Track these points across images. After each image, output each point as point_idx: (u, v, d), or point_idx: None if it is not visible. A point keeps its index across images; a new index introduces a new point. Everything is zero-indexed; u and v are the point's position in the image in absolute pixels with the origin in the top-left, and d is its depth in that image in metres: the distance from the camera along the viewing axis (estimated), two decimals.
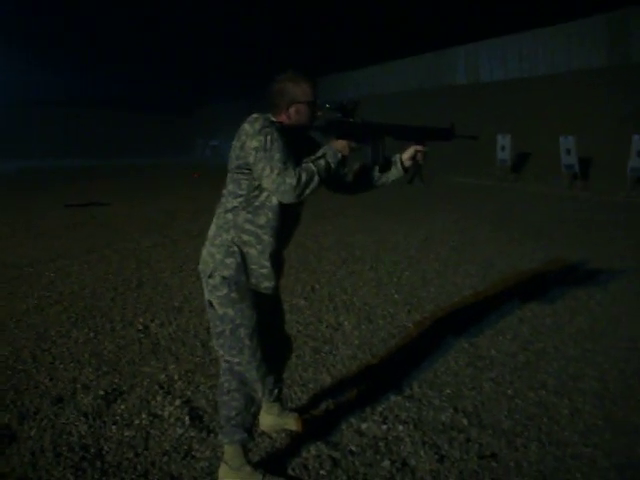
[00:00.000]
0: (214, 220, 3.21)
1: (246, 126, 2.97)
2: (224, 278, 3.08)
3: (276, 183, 2.85)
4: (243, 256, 3.09)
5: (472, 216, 12.47)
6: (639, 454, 3.64)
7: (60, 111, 43.76)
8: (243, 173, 3.01)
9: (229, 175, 3.10)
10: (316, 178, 2.90)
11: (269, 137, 2.87)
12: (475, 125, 22.95)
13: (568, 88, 21.53)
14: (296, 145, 3.06)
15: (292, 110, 3.08)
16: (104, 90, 45.71)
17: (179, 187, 19.84)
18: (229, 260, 3.08)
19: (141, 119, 45.77)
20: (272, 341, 3.37)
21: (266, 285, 3.17)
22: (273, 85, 3.14)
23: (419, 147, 3.29)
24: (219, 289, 3.11)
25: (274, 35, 46.91)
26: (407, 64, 32.77)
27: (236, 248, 3.08)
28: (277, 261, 3.22)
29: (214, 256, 3.12)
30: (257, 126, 2.93)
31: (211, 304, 3.19)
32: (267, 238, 3.10)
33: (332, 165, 2.98)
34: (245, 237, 3.08)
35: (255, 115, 3.02)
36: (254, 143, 2.89)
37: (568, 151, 16.18)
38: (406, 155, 3.32)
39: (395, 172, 3.36)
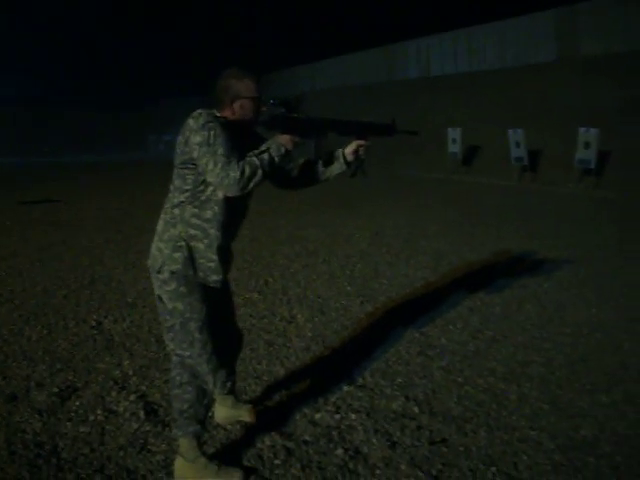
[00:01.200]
0: (162, 215, 3.22)
1: (190, 121, 2.99)
2: (172, 273, 3.10)
3: (220, 177, 2.88)
4: (190, 250, 3.11)
5: (423, 209, 12.61)
6: (583, 435, 3.76)
7: (10, 110, 42.91)
8: (188, 168, 3.03)
9: (175, 170, 3.11)
10: (259, 172, 2.92)
11: (212, 132, 2.89)
12: (426, 119, 23.20)
13: (517, 82, 21.82)
14: (241, 140, 3.08)
15: (236, 105, 3.11)
16: (53, 88, 44.98)
17: (132, 183, 19.66)
18: (177, 254, 3.09)
19: (91, 116, 45.08)
20: (223, 334, 3.39)
21: (214, 279, 3.19)
22: (218, 81, 3.17)
23: (361, 142, 3.35)
24: (168, 284, 3.12)
25: (225, 31, 46.66)
26: (360, 58, 32.82)
27: (183, 243, 3.10)
28: (225, 255, 3.24)
29: (162, 251, 3.13)
30: (201, 121, 2.94)
31: (160, 299, 3.20)
32: (214, 232, 3.12)
33: (276, 159, 3.01)
34: (192, 231, 3.10)
35: (199, 110, 3.04)
36: (197, 138, 2.91)
37: (517, 144, 16.43)
38: (348, 149, 3.37)
39: (338, 166, 3.41)
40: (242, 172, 2.87)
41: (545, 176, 16.42)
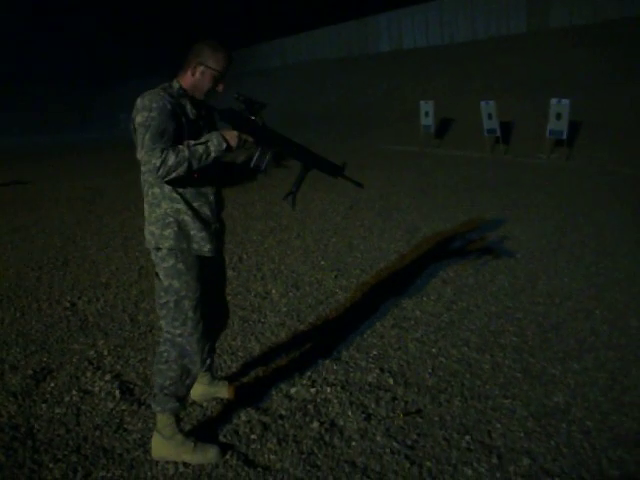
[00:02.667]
0: (145, 199, 3.19)
1: (138, 101, 2.96)
2: (170, 249, 3.09)
3: (143, 160, 2.86)
4: (180, 224, 3.09)
5: (397, 182, 12.61)
6: (555, 402, 3.82)
7: None
8: None
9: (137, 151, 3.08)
10: (186, 164, 2.87)
11: (152, 114, 2.86)
12: (399, 92, 23.18)
13: (488, 54, 21.85)
14: (185, 114, 3.05)
15: (198, 71, 3.06)
16: (21, 67, 44.32)
17: (104, 163, 19.46)
18: (167, 231, 3.08)
19: (61, 96, 44.50)
20: (212, 311, 3.41)
21: (209, 248, 3.18)
22: (194, 44, 3.13)
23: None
24: (166, 260, 3.11)
25: (196, 7, 46.09)
26: (331, 32, 32.66)
27: (171, 218, 3.08)
28: (213, 224, 3.24)
29: (153, 233, 3.11)
30: (146, 102, 2.91)
31: (157, 275, 3.21)
32: (196, 204, 3.12)
33: (212, 153, 2.94)
34: (176, 205, 3.08)
35: (149, 91, 2.99)
36: (139, 118, 2.90)
37: (489, 115, 16.44)
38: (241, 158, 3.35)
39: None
40: (163, 161, 2.82)
41: (517, 147, 16.48)
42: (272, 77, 34.60)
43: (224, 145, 2.96)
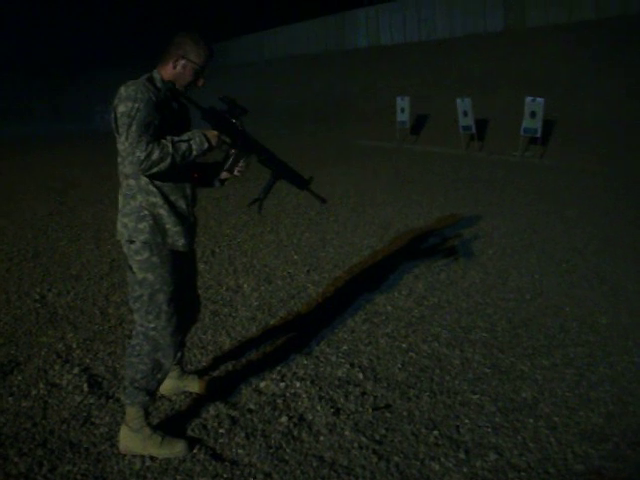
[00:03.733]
0: (120, 190, 3.16)
1: (121, 90, 2.92)
2: (144, 243, 3.06)
3: (126, 152, 2.82)
4: (155, 218, 3.07)
5: (371, 178, 12.62)
6: (523, 398, 3.85)
7: None
8: None
9: (117, 140, 3.04)
10: (169, 160, 2.85)
11: (136, 105, 2.83)
12: (375, 88, 23.20)
13: (465, 51, 21.91)
14: (168, 107, 3.05)
15: (179, 64, 3.05)
16: None
17: (77, 154, 19.27)
18: (142, 225, 3.05)
19: (34, 86, 43.84)
20: (185, 304, 3.39)
21: (182, 242, 3.17)
22: (175, 36, 3.11)
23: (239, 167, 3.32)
24: (140, 253, 3.08)
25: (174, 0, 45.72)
26: (309, 27, 32.53)
27: (146, 212, 3.05)
28: (188, 219, 3.22)
29: (127, 225, 3.08)
30: (130, 91, 2.88)
31: (131, 268, 3.17)
32: (173, 197, 3.11)
33: (194, 151, 2.94)
34: (152, 199, 3.06)
35: (133, 80, 2.96)
36: (122, 107, 2.85)
37: (465, 113, 16.49)
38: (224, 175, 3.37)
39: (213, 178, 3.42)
40: (149, 154, 2.79)
41: (492, 145, 16.56)
42: (249, 71, 34.45)
43: (206, 145, 2.97)
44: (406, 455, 3.26)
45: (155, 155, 2.81)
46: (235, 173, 3.31)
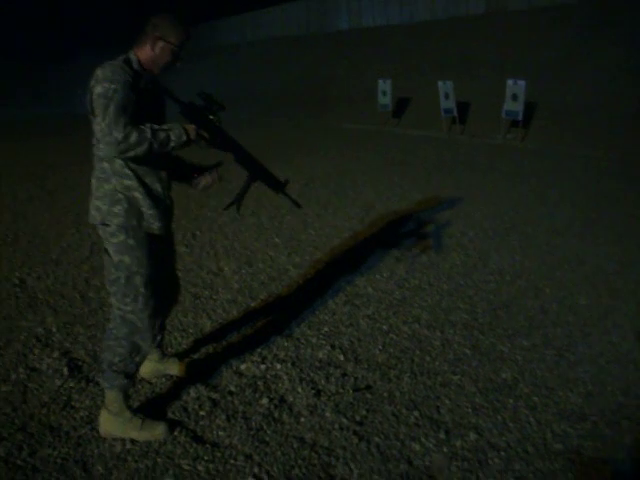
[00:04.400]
0: (92, 173, 3.12)
1: (98, 71, 2.87)
2: (119, 226, 3.04)
3: (103, 132, 2.76)
4: (130, 201, 3.04)
5: (353, 161, 12.59)
6: (503, 378, 3.87)
7: None
8: None
9: (93, 122, 3.00)
10: (146, 145, 2.81)
11: (114, 86, 2.79)
12: (357, 71, 23.13)
13: (447, 34, 21.88)
14: (147, 89, 3.04)
15: (158, 46, 3.02)
16: None
17: (56, 138, 19.09)
18: (116, 208, 3.02)
19: (13, 68, 43.29)
20: (163, 287, 3.37)
21: (158, 225, 3.14)
22: (152, 17, 3.07)
23: (213, 177, 3.46)
24: (116, 236, 3.06)
25: None
26: (291, 9, 32.33)
27: (121, 195, 3.02)
28: (164, 201, 3.20)
29: (100, 209, 3.05)
30: (107, 73, 2.84)
31: (106, 251, 3.15)
32: (148, 180, 3.08)
33: (172, 143, 2.91)
34: (127, 182, 3.02)
35: (110, 62, 2.93)
36: (99, 89, 2.80)
37: (447, 95, 16.48)
38: (202, 184, 3.47)
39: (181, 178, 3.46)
40: (126, 136, 2.75)
41: (474, 128, 16.57)
42: (231, 54, 34.22)
43: (184, 137, 2.94)
44: (387, 436, 3.27)
45: (133, 138, 2.76)
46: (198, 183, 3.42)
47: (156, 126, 2.88)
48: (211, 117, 3.12)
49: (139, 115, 2.88)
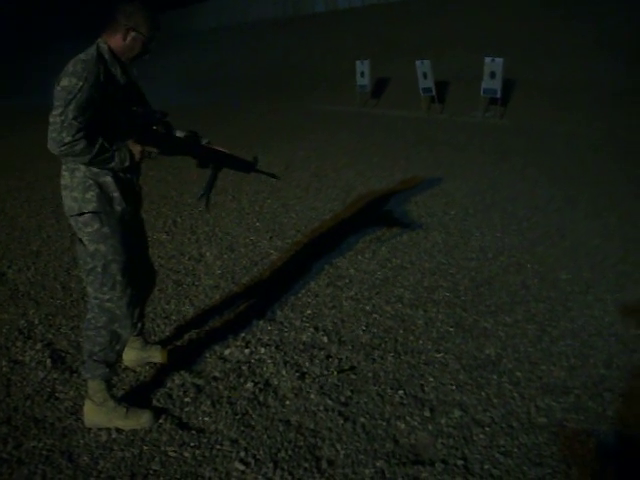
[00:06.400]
0: (63, 166, 3.09)
1: (70, 64, 2.85)
2: (93, 213, 3.02)
3: (52, 127, 2.77)
4: (101, 186, 3.02)
5: (333, 142, 12.56)
6: (487, 355, 3.90)
7: None
8: None
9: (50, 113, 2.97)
10: (86, 158, 2.85)
11: (81, 83, 2.77)
12: (335, 53, 23.04)
13: (423, 12, 21.83)
14: (120, 79, 3.02)
15: (130, 36, 3.00)
16: None
17: (33, 129, 18.90)
18: (89, 194, 3.00)
19: None
20: (139, 274, 3.35)
21: (129, 209, 3.15)
22: (123, 5, 3.02)
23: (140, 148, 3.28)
24: (90, 225, 3.04)
25: None
26: None
27: (91, 181, 3.00)
28: (133, 188, 3.20)
29: (77, 198, 3.02)
30: (77, 67, 2.82)
31: (80, 241, 3.13)
32: (112, 164, 3.02)
33: (113, 163, 2.96)
34: (95, 169, 3.00)
35: (82, 57, 2.89)
36: (64, 81, 2.79)
37: (425, 75, 16.43)
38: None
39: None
40: (73, 142, 2.76)
41: (453, 106, 16.55)
42: (207, 38, 33.99)
43: (127, 163, 3.00)
44: (372, 416, 3.29)
45: (78, 147, 2.79)
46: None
47: (106, 144, 2.90)
48: (155, 127, 3.12)
49: (107, 107, 2.89)
